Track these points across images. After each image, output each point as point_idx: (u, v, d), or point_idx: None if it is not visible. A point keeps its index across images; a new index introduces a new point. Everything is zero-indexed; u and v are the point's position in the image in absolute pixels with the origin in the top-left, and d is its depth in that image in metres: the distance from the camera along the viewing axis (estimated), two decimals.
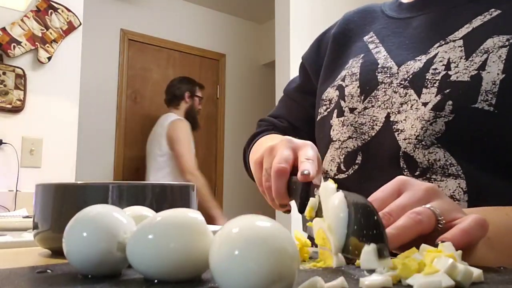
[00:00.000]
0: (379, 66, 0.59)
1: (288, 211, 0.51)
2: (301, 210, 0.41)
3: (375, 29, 0.65)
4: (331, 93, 0.64)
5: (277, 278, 0.23)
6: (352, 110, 0.60)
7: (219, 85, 3.90)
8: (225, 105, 3.92)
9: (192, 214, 0.30)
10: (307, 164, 0.42)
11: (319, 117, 0.66)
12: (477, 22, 0.54)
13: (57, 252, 0.44)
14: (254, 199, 3.84)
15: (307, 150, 0.46)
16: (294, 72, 2.52)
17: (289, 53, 2.54)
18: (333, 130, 0.62)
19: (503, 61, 0.49)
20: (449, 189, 0.49)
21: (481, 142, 0.49)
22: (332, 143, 0.62)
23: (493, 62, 0.49)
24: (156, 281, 0.29)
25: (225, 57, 3.94)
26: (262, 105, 4.07)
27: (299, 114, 0.76)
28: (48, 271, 0.34)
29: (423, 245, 0.30)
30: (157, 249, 0.28)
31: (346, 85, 0.62)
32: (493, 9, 0.54)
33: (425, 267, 0.27)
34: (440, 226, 0.34)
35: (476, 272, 0.27)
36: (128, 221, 0.33)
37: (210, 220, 2.52)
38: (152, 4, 3.55)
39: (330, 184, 0.36)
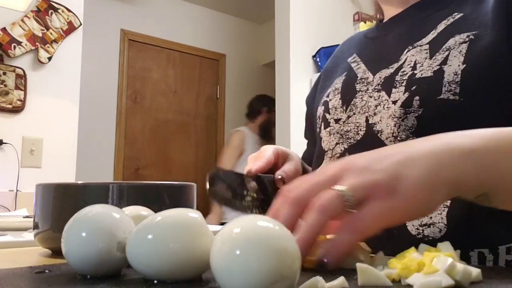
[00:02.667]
0: (358, 78, 0.63)
1: None
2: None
3: (357, 51, 0.70)
4: (319, 110, 0.69)
5: (278, 278, 0.23)
6: (337, 121, 0.63)
7: (219, 85, 3.90)
8: (225, 105, 3.92)
9: (192, 214, 0.30)
10: (251, 165, 0.56)
11: (316, 136, 0.70)
12: (441, 26, 0.57)
13: (58, 252, 0.44)
14: None
15: (262, 154, 0.58)
16: (294, 72, 2.52)
17: (289, 53, 2.54)
18: (323, 141, 0.65)
19: (463, 55, 0.51)
20: None
21: (452, 130, 0.50)
22: (325, 153, 0.65)
23: (454, 56, 0.52)
24: (155, 281, 0.29)
25: (225, 57, 3.94)
26: None
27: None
28: (46, 271, 0.34)
29: (421, 245, 0.30)
30: (157, 249, 0.28)
31: (330, 100, 0.66)
32: (456, 13, 0.56)
33: (424, 267, 0.27)
34: (349, 206, 0.32)
35: (475, 271, 0.27)
36: (128, 221, 0.33)
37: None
38: (152, 4, 3.55)
39: None
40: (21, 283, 0.29)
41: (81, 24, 1.97)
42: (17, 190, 1.75)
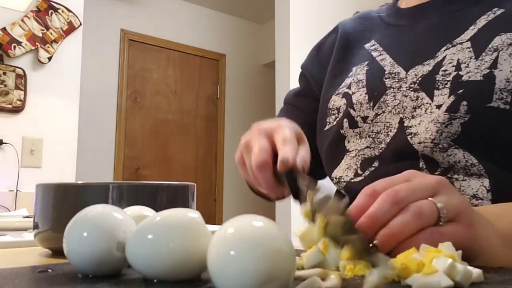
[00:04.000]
0: (386, 72, 0.58)
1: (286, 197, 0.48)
2: (296, 197, 0.40)
3: (376, 37, 0.64)
4: (337, 101, 0.63)
5: (268, 278, 0.23)
6: (364, 119, 0.58)
7: (219, 85, 3.90)
8: (225, 105, 3.92)
9: (191, 214, 0.30)
10: (285, 150, 0.41)
11: (327, 127, 0.64)
12: (481, 22, 0.53)
13: (58, 252, 0.44)
14: (254, 199, 3.84)
15: (283, 131, 0.44)
16: (294, 72, 2.52)
17: (289, 53, 2.54)
18: (348, 141, 0.61)
19: None
20: (472, 188, 0.49)
21: (500, 141, 0.48)
22: (348, 153, 0.61)
23: (504, 60, 0.49)
24: (155, 280, 0.29)
25: (225, 57, 3.94)
26: (262, 105, 4.08)
27: (300, 119, 0.73)
28: (49, 270, 0.34)
29: (422, 245, 0.30)
30: (156, 249, 0.28)
31: (353, 93, 0.61)
32: (496, 8, 0.53)
33: (424, 267, 0.27)
34: (441, 224, 0.33)
35: (476, 272, 0.27)
36: (128, 221, 0.33)
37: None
38: (152, 4, 3.55)
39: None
40: (22, 283, 0.29)
41: (81, 24, 1.97)
42: (17, 190, 1.75)
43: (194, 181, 3.20)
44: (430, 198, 0.33)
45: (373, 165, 0.57)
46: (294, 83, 2.52)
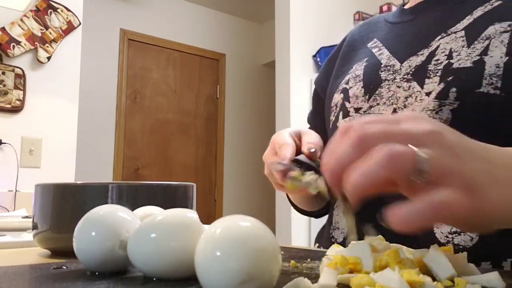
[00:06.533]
0: (382, 65, 0.59)
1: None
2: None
3: (378, 35, 0.65)
4: (337, 98, 0.64)
5: (249, 277, 0.23)
6: (357, 110, 0.59)
7: (219, 85, 3.90)
8: (225, 105, 3.92)
9: (190, 214, 0.31)
10: (281, 153, 0.47)
11: (330, 124, 0.65)
12: (477, 13, 0.53)
13: (57, 252, 0.44)
14: (254, 199, 3.84)
15: (282, 138, 0.50)
16: (294, 72, 2.52)
17: (289, 53, 2.53)
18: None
19: (506, 45, 0.48)
20: None
21: (490, 126, 0.47)
22: None
23: (496, 47, 0.48)
24: (154, 279, 0.30)
25: (225, 57, 3.94)
26: (262, 105, 4.08)
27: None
28: (64, 267, 0.35)
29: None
30: (155, 247, 0.29)
31: (350, 87, 0.61)
32: (493, 0, 0.53)
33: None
34: (423, 179, 0.26)
35: None
36: (133, 221, 0.33)
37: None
38: (152, 4, 3.55)
39: None
40: (30, 278, 0.30)
41: (80, 24, 1.97)
42: (16, 190, 1.74)
43: (194, 181, 3.20)
44: (414, 148, 0.27)
45: None
46: (294, 83, 2.53)
